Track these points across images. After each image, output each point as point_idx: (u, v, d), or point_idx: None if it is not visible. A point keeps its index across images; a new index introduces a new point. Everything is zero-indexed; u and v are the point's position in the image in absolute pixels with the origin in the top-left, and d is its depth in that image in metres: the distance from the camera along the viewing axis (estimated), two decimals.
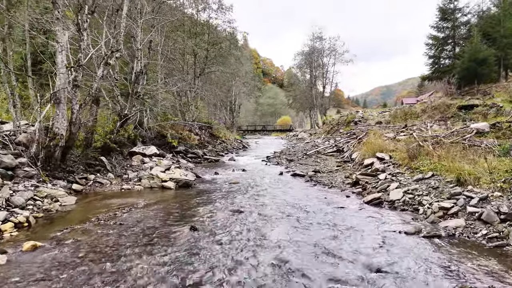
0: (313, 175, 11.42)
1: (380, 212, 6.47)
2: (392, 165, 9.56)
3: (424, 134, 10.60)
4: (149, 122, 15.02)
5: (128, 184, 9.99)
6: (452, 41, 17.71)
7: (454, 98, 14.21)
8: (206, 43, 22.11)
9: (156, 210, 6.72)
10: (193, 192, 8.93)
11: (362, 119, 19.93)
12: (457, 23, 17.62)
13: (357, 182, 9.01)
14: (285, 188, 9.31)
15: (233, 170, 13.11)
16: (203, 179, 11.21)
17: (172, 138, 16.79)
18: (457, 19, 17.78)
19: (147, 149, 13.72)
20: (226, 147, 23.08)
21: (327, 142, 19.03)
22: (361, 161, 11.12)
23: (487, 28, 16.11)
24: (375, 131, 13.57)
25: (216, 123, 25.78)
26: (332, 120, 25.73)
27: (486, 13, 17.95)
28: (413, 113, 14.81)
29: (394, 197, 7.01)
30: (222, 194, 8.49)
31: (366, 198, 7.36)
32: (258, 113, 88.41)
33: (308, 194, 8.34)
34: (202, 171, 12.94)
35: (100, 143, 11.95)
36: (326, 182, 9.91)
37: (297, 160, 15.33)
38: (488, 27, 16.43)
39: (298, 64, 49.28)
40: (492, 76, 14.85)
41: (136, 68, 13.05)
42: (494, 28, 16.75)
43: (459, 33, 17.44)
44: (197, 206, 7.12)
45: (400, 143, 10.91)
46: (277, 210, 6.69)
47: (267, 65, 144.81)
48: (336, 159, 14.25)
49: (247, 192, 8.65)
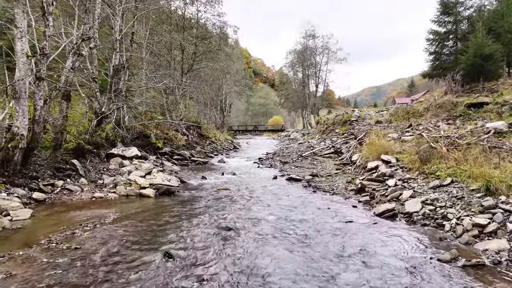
0: (311, 180, 10.33)
1: (397, 228, 5.38)
2: (401, 169, 8.52)
3: (433, 134, 9.60)
4: (131, 121, 13.73)
5: (101, 192, 8.73)
6: (454, 36, 16.87)
7: (459, 95, 13.31)
8: (194, 37, 20.86)
9: (126, 227, 5.51)
10: (175, 201, 7.72)
11: (359, 119, 18.96)
12: (459, 17, 16.83)
13: (363, 189, 7.94)
14: (280, 195, 8.18)
15: (223, 174, 11.93)
16: (188, 185, 10.01)
17: (156, 139, 15.51)
18: (459, 13, 16.97)
19: (127, 151, 12.44)
20: (216, 148, 21.85)
21: (322, 142, 17.98)
22: (364, 164, 10.07)
23: (489, 23, 15.31)
24: (376, 131, 12.55)
25: (205, 123, 24.52)
26: (327, 120, 24.72)
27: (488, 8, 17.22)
28: (415, 112, 13.86)
29: (411, 208, 5.94)
30: (208, 204, 7.31)
31: (377, 209, 6.27)
32: (249, 113, 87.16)
33: (308, 203, 7.23)
34: (188, 175, 11.72)
35: (73, 144, 10.65)
36: (327, 188, 8.82)
37: (291, 162, 14.22)
38: (491, 22, 15.64)
39: (290, 63, 48.26)
40: (498, 72, 14.03)
41: (115, 61, 11.76)
42: (497, 23, 15.97)
43: (461, 27, 16.60)
44: (177, 221, 5.93)
45: (407, 144, 9.89)
46: (274, 226, 5.55)
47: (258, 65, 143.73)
48: (334, 161, 13.19)
49: (237, 202, 7.49)
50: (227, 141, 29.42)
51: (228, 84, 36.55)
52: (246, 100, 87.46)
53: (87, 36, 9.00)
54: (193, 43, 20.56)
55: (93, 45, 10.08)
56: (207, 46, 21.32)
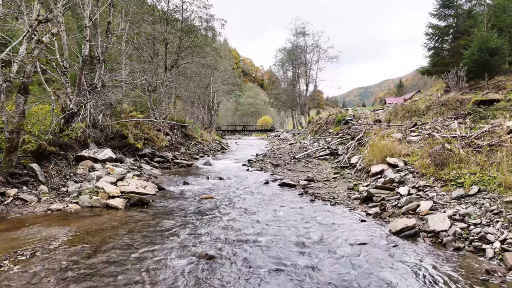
0: (307, 185, 9.17)
1: (425, 255, 4.23)
2: (411, 174, 7.42)
3: (444, 134, 8.54)
4: (106, 120, 12.30)
5: (61, 202, 7.38)
6: (455, 30, 15.99)
7: (465, 93, 12.39)
8: (179, 30, 19.47)
9: (74, 256, 4.21)
10: (148, 214, 6.43)
11: (353, 118, 17.92)
12: (460, 10, 15.95)
13: (370, 198, 6.80)
14: (273, 206, 6.97)
15: (208, 178, 10.66)
16: (167, 192, 8.71)
17: (135, 139, 14.11)
18: (460, 6, 16.11)
19: (100, 153, 11.05)
20: (202, 149, 20.51)
21: (316, 143, 16.87)
22: (366, 168, 8.94)
23: (491, 17, 14.47)
24: (376, 131, 11.49)
25: (191, 122, 23.13)
26: (319, 119, 23.65)
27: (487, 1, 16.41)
28: (416, 111, 12.85)
29: (437, 225, 4.80)
30: (187, 219, 6.04)
31: (394, 226, 5.12)
32: (238, 112, 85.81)
33: (307, 217, 6.04)
34: (168, 180, 10.41)
35: (34, 146, 9.22)
36: (327, 197, 7.65)
37: (284, 165, 13.04)
38: (492, 16, 14.83)
39: (280, 61, 47.07)
40: (504, 68, 13.16)
41: (84, 50, 10.34)
42: (499, 17, 15.17)
43: (462, 21, 15.72)
44: (145, 244, 4.65)
45: (415, 146, 8.82)
46: (267, 253, 4.33)
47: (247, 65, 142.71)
48: (331, 164, 12.07)
49: (222, 215, 6.24)
50: (215, 142, 28.10)
51: (216, 82, 35.14)
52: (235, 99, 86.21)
53: (45, 19, 7.59)
54: (178, 37, 19.17)
55: (56, 31, 8.67)
56: (192, 41, 19.95)
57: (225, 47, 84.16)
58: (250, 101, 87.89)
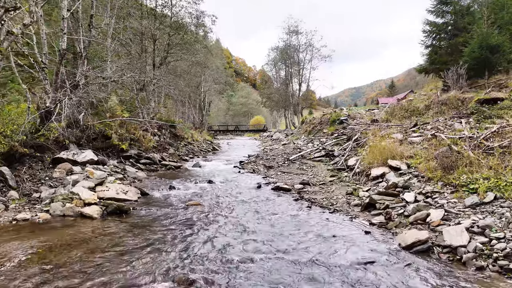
0: (302, 190, 8.55)
1: (444, 276, 3.63)
2: (415, 178, 6.85)
3: (448, 135, 8.00)
4: (87, 119, 11.52)
5: (30, 211, 6.63)
6: (454, 27, 15.55)
7: (465, 91, 11.92)
8: (168, 26, 18.70)
9: (28, 281, 3.50)
10: (126, 225, 5.73)
11: (348, 118, 17.38)
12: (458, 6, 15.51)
13: (372, 205, 6.20)
14: (267, 214, 6.33)
15: (196, 182, 9.96)
16: (150, 198, 8.00)
17: (120, 140, 13.34)
18: (458, 2, 15.67)
19: (80, 155, 10.27)
20: (193, 150, 19.75)
21: (310, 144, 16.27)
22: (366, 171, 8.35)
23: (490, 14, 14.06)
24: (374, 131, 10.93)
25: (181, 122, 22.34)
26: (313, 119, 23.08)
27: None
28: (415, 110, 12.35)
29: (454, 240, 4.21)
30: (168, 231, 5.35)
31: (403, 239, 4.51)
32: (230, 112, 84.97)
33: (304, 228, 5.41)
34: (153, 184, 9.69)
35: (4, 147, 8.43)
36: (325, 203, 7.03)
37: (277, 166, 12.40)
38: (492, 14, 14.42)
39: (273, 60, 46.42)
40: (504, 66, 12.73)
41: (62, 44, 9.55)
42: (497, 14, 14.79)
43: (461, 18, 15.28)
44: (116, 265, 3.96)
45: (417, 147, 8.26)
46: (260, 276, 3.68)
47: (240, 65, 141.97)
48: (327, 165, 11.48)
49: (209, 227, 5.57)
50: (206, 142, 27.35)
51: (207, 81, 34.33)
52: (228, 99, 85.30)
53: (13, 7, 6.83)
54: (167, 33, 18.39)
55: (29, 22, 7.88)
56: (182, 37, 19.17)
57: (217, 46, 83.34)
58: (242, 101, 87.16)
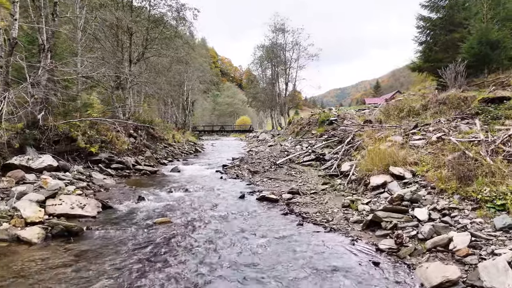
0: (291, 200, 7.49)
1: None
2: (424, 189, 5.87)
3: (457, 137, 7.07)
4: (49, 119, 10.15)
5: None
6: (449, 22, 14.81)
7: (466, 90, 11.15)
8: (145, 19, 17.36)
9: None
10: (72, 253, 4.51)
11: (338, 118, 16.46)
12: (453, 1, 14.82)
13: (376, 223, 5.17)
14: (249, 235, 5.22)
15: (170, 191, 8.75)
16: (112, 213, 6.76)
17: (90, 142, 12.01)
18: None
19: (36, 160, 8.93)
20: (173, 152, 18.44)
21: (298, 146, 15.26)
22: (365, 180, 7.33)
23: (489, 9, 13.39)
24: (369, 133, 9.98)
25: (161, 122, 20.95)
26: (300, 120, 22.10)
27: None
28: (411, 110, 11.48)
29: (495, 282, 3.18)
30: (123, 263, 4.17)
31: (426, 278, 3.48)
32: (216, 112, 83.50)
33: (297, 255, 4.33)
34: (121, 194, 8.44)
35: None
36: (319, 219, 5.96)
37: (263, 171, 11.31)
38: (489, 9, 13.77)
39: (259, 59, 45.26)
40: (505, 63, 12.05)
41: (12, 32, 8.18)
42: (494, 10, 14.15)
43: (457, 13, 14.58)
44: None
45: (422, 151, 7.30)
46: None
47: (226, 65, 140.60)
48: (317, 171, 10.47)
49: (176, 255, 4.41)
50: (189, 143, 26.06)
51: (191, 79, 32.93)
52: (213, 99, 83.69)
53: None
54: (144, 27, 17.05)
55: None
56: (161, 31, 17.83)
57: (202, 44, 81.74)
58: (228, 100, 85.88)
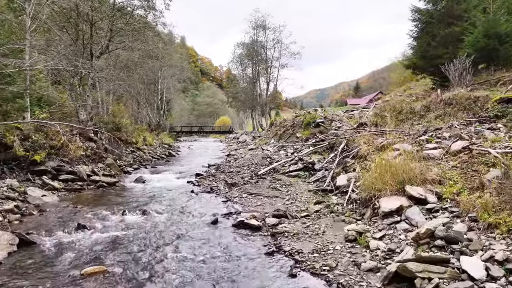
0: (277, 226, 5.86)
1: None
2: (459, 220, 4.34)
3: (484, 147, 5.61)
4: None
5: None
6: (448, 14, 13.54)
7: (474, 89, 9.88)
8: (109, 8, 15.30)
9: None
10: None
11: (325, 120, 14.98)
12: None
13: (404, 277, 3.55)
14: None
15: (124, 213, 6.88)
16: (30, 254, 4.86)
17: (34, 149, 9.97)
18: None
19: None
20: (141, 158, 16.39)
21: (282, 152, 13.62)
22: (373, 203, 5.72)
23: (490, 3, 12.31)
24: (367, 139, 8.45)
25: (129, 123, 18.85)
26: (283, 121, 20.51)
27: None
28: (411, 112, 10.08)
29: None
30: None
31: None
32: (195, 112, 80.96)
33: None
34: (58, 219, 6.51)
35: None
36: (318, 265, 4.31)
37: (242, 183, 9.59)
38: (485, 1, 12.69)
39: (239, 56, 43.37)
40: None
41: None
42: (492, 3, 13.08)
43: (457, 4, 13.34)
44: None
45: (442, 164, 5.79)
46: None
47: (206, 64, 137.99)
48: (306, 183, 8.86)
49: None
50: (163, 146, 24.00)
51: (166, 77, 30.73)
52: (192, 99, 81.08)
53: None
54: (108, 15, 14.98)
55: None
56: (126, 22, 15.78)
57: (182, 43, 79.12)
58: (207, 100, 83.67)
